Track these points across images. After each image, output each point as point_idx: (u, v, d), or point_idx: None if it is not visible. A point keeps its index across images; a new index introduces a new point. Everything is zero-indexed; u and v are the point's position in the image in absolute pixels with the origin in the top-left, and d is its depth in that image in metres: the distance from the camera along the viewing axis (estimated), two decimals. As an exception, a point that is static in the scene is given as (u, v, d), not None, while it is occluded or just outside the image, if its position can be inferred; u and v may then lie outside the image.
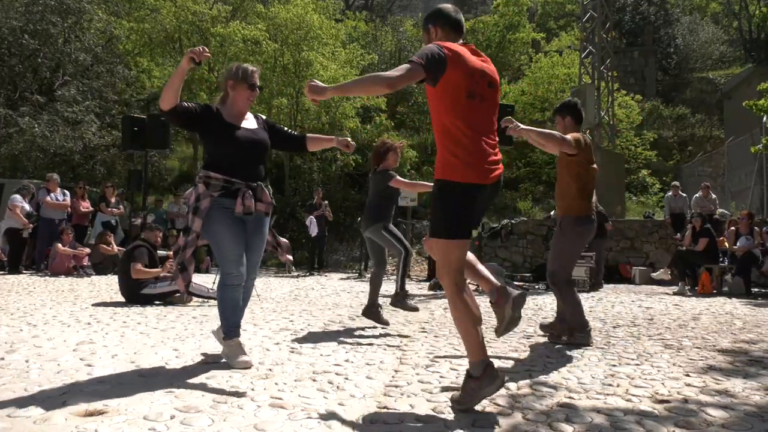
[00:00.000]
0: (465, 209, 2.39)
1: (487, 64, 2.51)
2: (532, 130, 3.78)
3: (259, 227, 3.19)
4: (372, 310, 4.55)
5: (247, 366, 3.00)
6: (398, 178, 4.69)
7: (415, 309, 4.71)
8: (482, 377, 2.31)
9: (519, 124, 3.63)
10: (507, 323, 2.48)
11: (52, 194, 9.75)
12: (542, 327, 4.29)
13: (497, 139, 2.53)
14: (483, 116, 2.44)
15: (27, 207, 9.39)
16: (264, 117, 3.39)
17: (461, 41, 2.52)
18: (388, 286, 6.55)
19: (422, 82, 2.40)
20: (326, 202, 11.93)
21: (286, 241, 3.51)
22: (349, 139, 3.40)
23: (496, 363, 3.30)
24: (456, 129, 2.38)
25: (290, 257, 3.59)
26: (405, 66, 2.36)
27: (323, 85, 2.45)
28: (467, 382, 2.35)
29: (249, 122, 3.20)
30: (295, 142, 3.44)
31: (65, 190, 10.13)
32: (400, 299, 4.66)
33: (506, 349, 3.79)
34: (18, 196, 9.43)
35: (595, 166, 4.04)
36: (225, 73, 3.20)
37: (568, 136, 3.88)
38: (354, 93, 2.56)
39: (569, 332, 3.92)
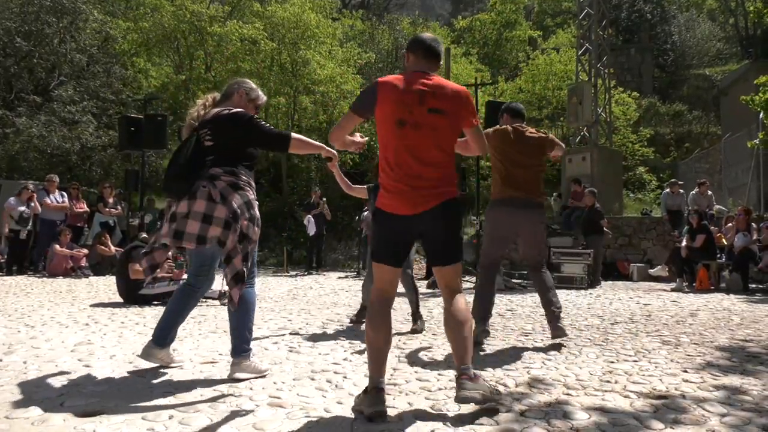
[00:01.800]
0: (386, 236, 2.45)
1: (438, 90, 2.42)
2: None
3: None
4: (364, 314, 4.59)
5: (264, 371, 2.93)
6: None
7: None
8: (369, 394, 2.26)
9: None
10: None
11: (51, 196, 9.74)
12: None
13: (444, 166, 2.43)
14: (417, 143, 2.38)
15: (21, 208, 9.35)
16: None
17: (435, 68, 2.54)
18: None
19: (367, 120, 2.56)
20: (324, 200, 11.92)
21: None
22: (336, 159, 3.35)
23: (495, 360, 3.31)
24: (383, 159, 2.46)
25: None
26: (344, 116, 2.57)
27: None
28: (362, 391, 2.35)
29: None
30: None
31: (63, 192, 10.12)
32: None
33: (504, 345, 3.80)
34: (13, 199, 9.40)
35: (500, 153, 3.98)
36: (240, 83, 3.16)
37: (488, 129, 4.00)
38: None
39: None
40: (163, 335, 2.99)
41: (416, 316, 4.49)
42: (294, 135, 2.99)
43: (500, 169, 3.96)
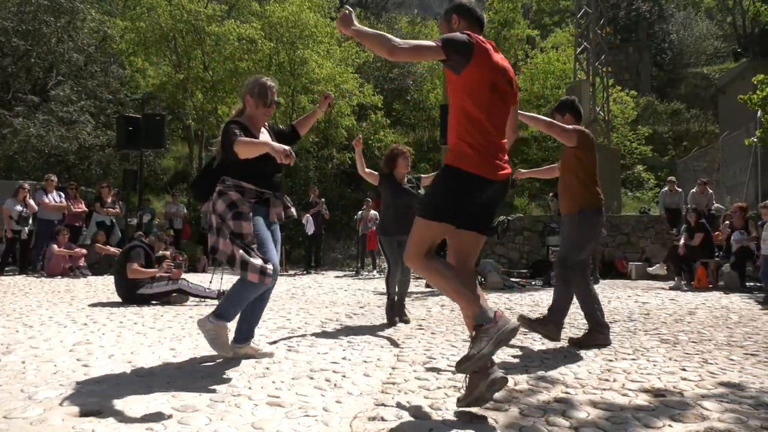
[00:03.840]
0: (464, 198, 2.35)
1: (506, 63, 2.52)
2: (533, 117, 3.84)
3: (277, 233, 3.32)
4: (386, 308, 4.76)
5: (228, 354, 3.15)
6: (423, 176, 5.04)
7: (406, 321, 4.73)
8: (496, 319, 2.26)
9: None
10: (474, 399, 2.24)
11: (49, 195, 9.72)
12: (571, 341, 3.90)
13: (506, 138, 2.52)
14: (501, 113, 2.44)
15: (19, 208, 9.33)
16: (269, 124, 3.42)
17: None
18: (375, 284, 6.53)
19: (446, 67, 2.40)
20: (323, 199, 11.92)
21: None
22: (330, 93, 3.47)
23: (495, 359, 3.31)
24: (475, 119, 2.36)
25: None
26: (421, 42, 2.37)
27: (352, 26, 2.40)
28: (479, 332, 2.25)
29: (264, 134, 3.28)
30: (291, 136, 3.52)
31: (60, 192, 10.10)
32: (386, 310, 4.81)
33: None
34: (10, 200, 9.38)
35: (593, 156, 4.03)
36: (244, 87, 3.27)
37: (569, 127, 3.92)
38: (365, 42, 2.41)
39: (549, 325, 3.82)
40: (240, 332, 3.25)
41: (402, 309, 4.77)
42: (239, 140, 2.91)
43: (592, 174, 3.96)
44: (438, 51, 2.31)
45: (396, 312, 4.73)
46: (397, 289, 4.82)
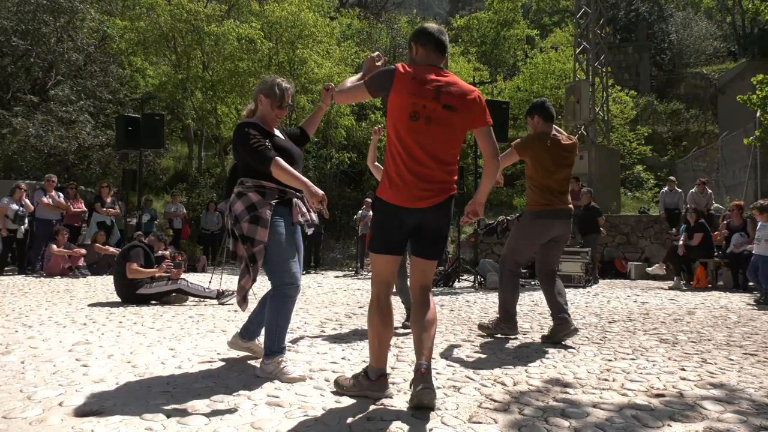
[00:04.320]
0: (387, 227, 2.47)
1: (452, 87, 2.45)
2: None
3: (299, 235, 3.12)
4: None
5: (302, 378, 2.82)
6: None
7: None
8: (377, 382, 2.48)
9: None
10: (361, 395, 2.51)
11: (48, 195, 9.71)
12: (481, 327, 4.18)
13: (450, 162, 2.47)
14: (432, 139, 2.40)
15: (15, 207, 9.32)
16: (281, 126, 3.30)
17: (442, 61, 2.56)
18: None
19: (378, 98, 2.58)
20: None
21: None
22: (330, 84, 3.29)
23: (493, 359, 3.32)
24: (393, 147, 2.45)
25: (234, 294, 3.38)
26: (353, 84, 2.59)
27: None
28: (361, 377, 2.51)
29: (278, 134, 3.15)
30: (301, 138, 3.38)
31: (59, 192, 10.10)
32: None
33: (503, 344, 3.80)
34: (6, 199, 9.38)
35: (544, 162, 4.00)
36: (259, 86, 3.13)
37: (506, 152, 4.02)
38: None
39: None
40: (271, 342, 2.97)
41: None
42: (277, 160, 2.81)
43: (539, 178, 3.99)
44: (363, 90, 2.54)
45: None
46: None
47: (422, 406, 2.27)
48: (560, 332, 3.81)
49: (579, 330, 4.04)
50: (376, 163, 4.78)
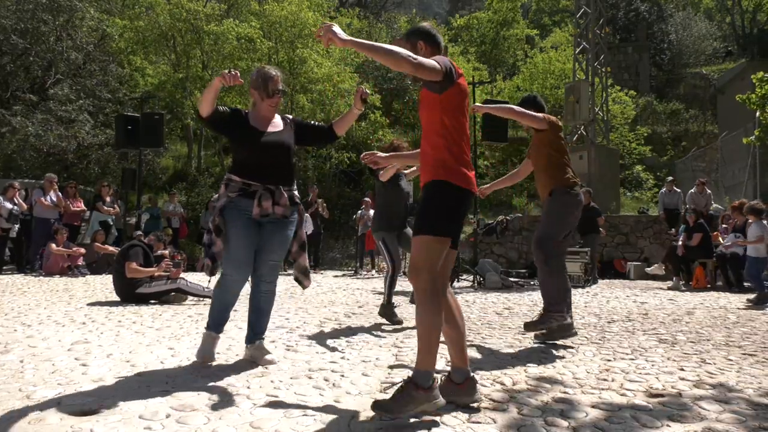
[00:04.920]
0: (457, 212, 2.40)
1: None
2: (493, 108, 3.91)
3: (280, 230, 3.13)
4: (387, 310, 4.66)
5: (201, 360, 3.13)
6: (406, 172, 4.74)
7: (400, 322, 4.64)
8: (463, 386, 2.39)
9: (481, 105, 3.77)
10: (448, 401, 2.37)
11: (48, 195, 9.70)
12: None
13: None
14: (467, 131, 2.54)
15: (9, 206, 9.30)
16: (291, 117, 3.35)
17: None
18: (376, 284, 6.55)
19: (424, 86, 2.48)
20: (321, 200, 11.92)
21: (306, 265, 3.38)
22: (363, 89, 3.22)
23: (492, 359, 3.32)
24: (458, 135, 2.44)
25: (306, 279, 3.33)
26: (430, 61, 2.38)
27: (344, 36, 2.27)
28: (412, 391, 2.19)
29: (275, 125, 3.19)
30: (324, 133, 3.37)
31: (57, 192, 10.08)
32: (387, 311, 4.69)
33: (502, 344, 3.80)
34: (0, 197, 9.37)
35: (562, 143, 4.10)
36: (250, 79, 3.20)
37: (539, 114, 4.00)
38: (373, 56, 2.30)
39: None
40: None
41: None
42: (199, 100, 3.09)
43: (564, 153, 4.01)
44: (437, 71, 2.37)
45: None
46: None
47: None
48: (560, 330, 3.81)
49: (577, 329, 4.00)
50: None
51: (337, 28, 2.28)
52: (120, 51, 18.03)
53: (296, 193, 3.21)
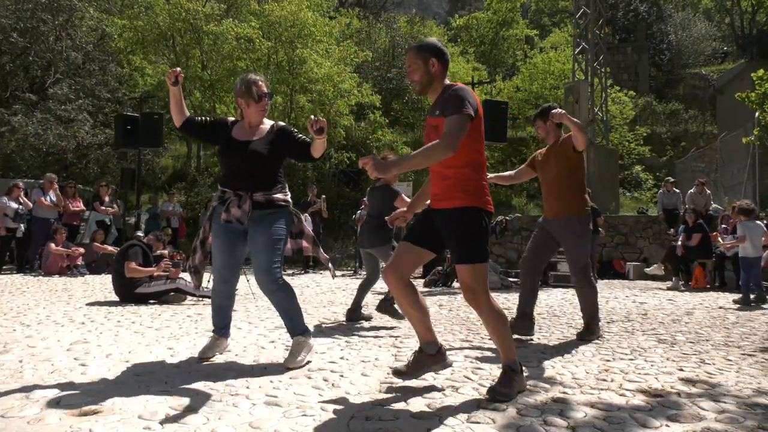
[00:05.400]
0: (488, 233, 2.65)
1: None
2: (570, 119, 3.88)
3: (257, 230, 3.10)
4: (386, 305, 4.62)
5: (198, 357, 3.22)
6: (403, 196, 4.79)
7: (402, 317, 4.64)
8: (521, 370, 2.64)
9: (562, 111, 3.82)
10: (421, 372, 2.75)
11: (47, 195, 9.70)
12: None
13: None
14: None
15: (15, 206, 9.31)
16: (282, 125, 3.31)
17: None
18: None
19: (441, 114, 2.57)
20: (324, 196, 11.90)
21: (326, 256, 3.45)
22: (315, 119, 3.00)
23: (491, 359, 3.32)
24: (482, 165, 2.61)
25: (330, 267, 3.56)
26: (456, 122, 2.41)
27: (387, 161, 2.41)
28: (513, 376, 2.55)
29: (259, 133, 3.19)
30: (304, 152, 3.23)
31: (57, 191, 10.07)
32: (388, 306, 4.65)
33: (501, 345, 3.80)
34: (5, 197, 9.37)
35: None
36: (235, 89, 3.24)
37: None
38: (424, 164, 2.43)
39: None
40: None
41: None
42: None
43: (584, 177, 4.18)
44: (469, 121, 2.46)
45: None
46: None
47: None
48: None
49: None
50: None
51: (380, 163, 2.29)
52: (119, 51, 18.02)
53: (281, 195, 3.18)
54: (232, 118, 3.34)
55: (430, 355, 2.72)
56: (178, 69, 3.08)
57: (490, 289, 2.59)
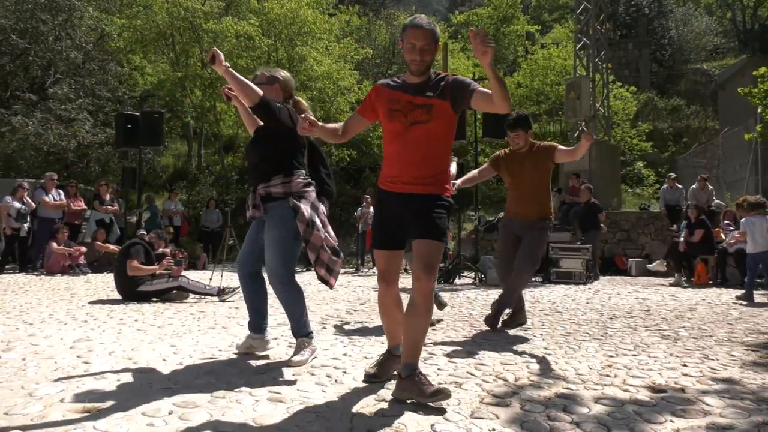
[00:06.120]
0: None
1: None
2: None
3: (266, 225, 3.13)
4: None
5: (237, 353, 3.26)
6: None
7: (444, 305, 4.83)
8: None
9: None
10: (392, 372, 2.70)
11: (50, 194, 9.71)
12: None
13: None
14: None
15: (18, 205, 9.32)
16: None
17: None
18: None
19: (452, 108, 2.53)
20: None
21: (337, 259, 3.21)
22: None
23: (494, 355, 3.31)
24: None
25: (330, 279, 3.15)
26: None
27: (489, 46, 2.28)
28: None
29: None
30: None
31: (59, 190, 10.08)
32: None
33: (504, 340, 3.80)
34: (9, 197, 9.38)
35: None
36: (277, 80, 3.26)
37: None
38: (495, 87, 2.37)
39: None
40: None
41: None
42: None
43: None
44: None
45: None
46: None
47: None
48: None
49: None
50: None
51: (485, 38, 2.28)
52: (119, 50, 18.00)
53: (276, 189, 3.08)
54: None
55: (397, 356, 2.66)
56: (225, 87, 3.15)
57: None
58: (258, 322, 3.30)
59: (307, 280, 8.87)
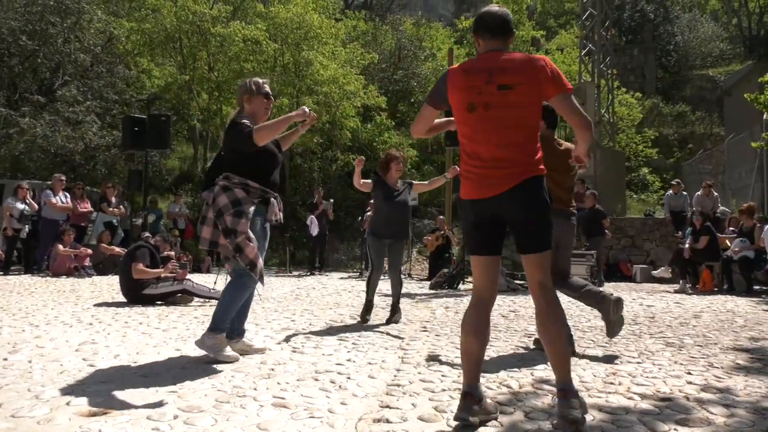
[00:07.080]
0: (473, 226, 2.36)
1: (507, 63, 2.26)
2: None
3: (267, 233, 3.43)
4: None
5: (236, 359, 3.22)
6: (415, 183, 5.42)
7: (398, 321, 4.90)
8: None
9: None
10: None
11: (57, 196, 9.74)
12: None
13: (521, 143, 2.27)
14: (489, 126, 2.25)
15: (21, 206, 9.35)
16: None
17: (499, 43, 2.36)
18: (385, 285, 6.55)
19: (446, 110, 2.52)
20: (332, 200, 11.95)
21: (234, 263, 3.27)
22: (306, 109, 3.31)
23: (498, 362, 3.31)
24: (461, 148, 2.38)
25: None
26: (420, 114, 2.53)
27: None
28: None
29: None
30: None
31: (66, 192, 10.12)
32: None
33: (508, 347, 3.80)
34: (11, 198, 9.41)
35: None
36: (239, 89, 3.42)
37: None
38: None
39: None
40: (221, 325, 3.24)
41: (395, 308, 4.91)
42: (255, 128, 3.10)
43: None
44: (426, 107, 2.48)
45: (390, 313, 4.93)
46: (391, 291, 5.05)
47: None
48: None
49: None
50: (362, 180, 5.25)
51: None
52: (127, 53, 18.12)
53: (240, 192, 3.17)
54: (240, 116, 3.39)
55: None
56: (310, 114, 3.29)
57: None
58: (237, 324, 3.43)
59: (310, 284, 8.88)
